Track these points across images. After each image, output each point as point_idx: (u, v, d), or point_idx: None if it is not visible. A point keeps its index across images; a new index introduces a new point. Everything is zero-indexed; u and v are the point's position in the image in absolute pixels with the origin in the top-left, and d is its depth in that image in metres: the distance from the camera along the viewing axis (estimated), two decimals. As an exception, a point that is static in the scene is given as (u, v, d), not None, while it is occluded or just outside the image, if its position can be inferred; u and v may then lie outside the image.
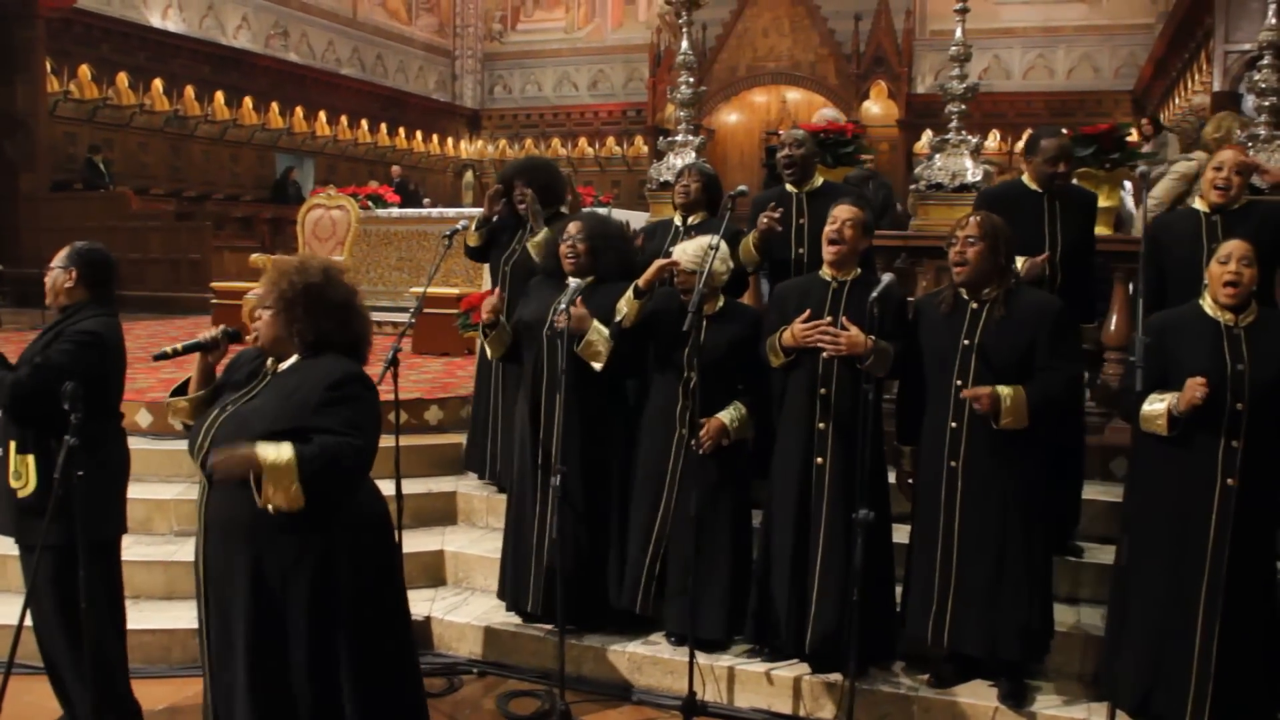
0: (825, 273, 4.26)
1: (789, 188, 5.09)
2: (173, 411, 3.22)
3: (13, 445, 3.73)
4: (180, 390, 3.23)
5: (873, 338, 3.91)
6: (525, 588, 4.65)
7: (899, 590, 4.27)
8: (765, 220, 4.74)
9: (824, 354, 4.05)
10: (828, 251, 4.21)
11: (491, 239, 5.61)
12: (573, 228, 4.56)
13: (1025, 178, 4.82)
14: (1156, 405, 3.66)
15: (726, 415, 4.35)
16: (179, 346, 3.23)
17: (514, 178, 5.47)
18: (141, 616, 4.69)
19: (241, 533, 2.89)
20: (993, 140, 18.73)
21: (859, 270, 4.25)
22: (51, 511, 3.41)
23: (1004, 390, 3.82)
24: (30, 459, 3.70)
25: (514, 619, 4.81)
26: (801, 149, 5.06)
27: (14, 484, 3.73)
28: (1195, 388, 3.52)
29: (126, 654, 3.98)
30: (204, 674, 3.11)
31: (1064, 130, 4.96)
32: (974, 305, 3.98)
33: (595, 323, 4.38)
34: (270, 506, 2.78)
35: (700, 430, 4.29)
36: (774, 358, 4.23)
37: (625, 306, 4.40)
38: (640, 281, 4.39)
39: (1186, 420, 3.58)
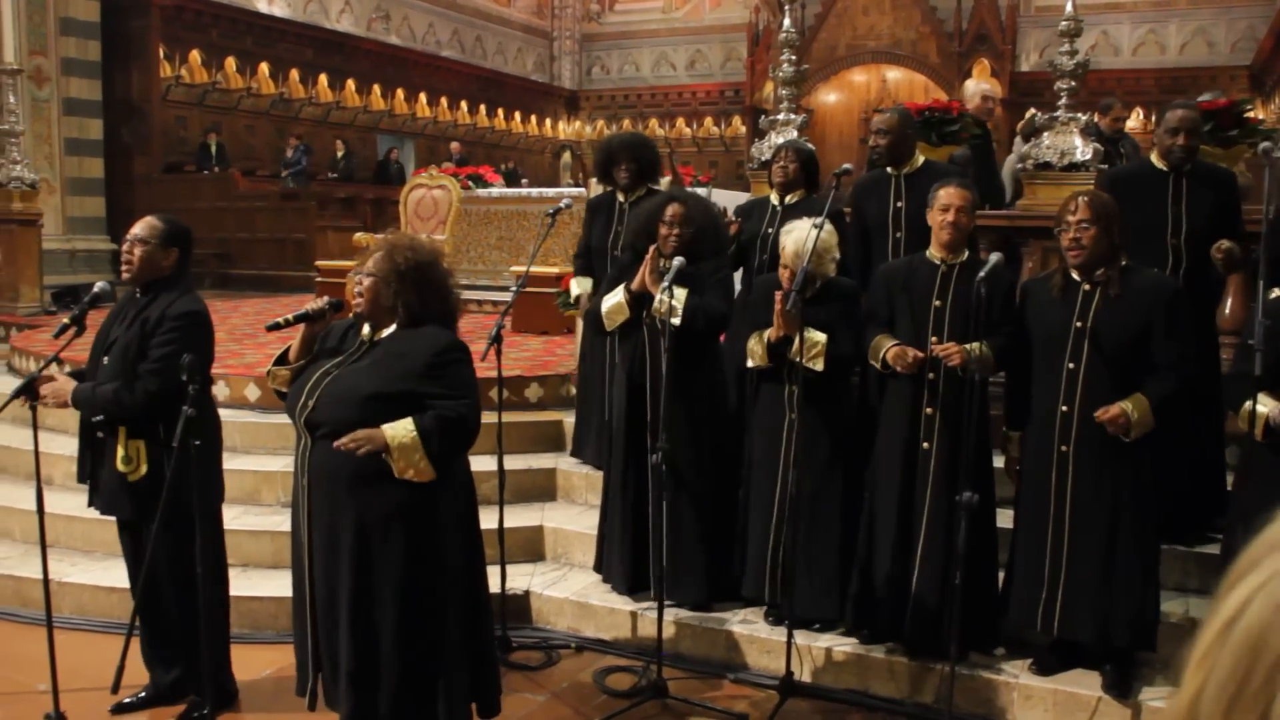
0: (933, 254, 4.19)
1: (888, 170, 5.01)
2: (274, 379, 3.36)
3: (123, 431, 3.78)
4: (280, 360, 3.35)
5: (970, 347, 3.86)
6: (623, 566, 4.70)
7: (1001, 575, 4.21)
8: None
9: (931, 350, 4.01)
10: (943, 238, 4.12)
11: (592, 220, 5.65)
12: (676, 210, 4.49)
13: (1154, 156, 4.65)
14: (1259, 408, 3.51)
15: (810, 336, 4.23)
16: (290, 317, 3.37)
17: (618, 154, 5.51)
18: (249, 584, 4.84)
19: (345, 483, 3.05)
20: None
21: (966, 253, 4.18)
22: (172, 484, 3.50)
23: (1127, 406, 3.70)
24: (141, 444, 3.78)
25: (612, 595, 4.84)
26: (887, 138, 4.91)
27: (124, 468, 3.78)
28: None
29: (229, 626, 4.07)
30: (301, 624, 3.24)
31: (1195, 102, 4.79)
32: (1086, 286, 3.87)
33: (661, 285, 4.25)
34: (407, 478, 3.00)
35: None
36: (874, 361, 4.20)
37: (756, 346, 4.35)
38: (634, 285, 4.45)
39: None
